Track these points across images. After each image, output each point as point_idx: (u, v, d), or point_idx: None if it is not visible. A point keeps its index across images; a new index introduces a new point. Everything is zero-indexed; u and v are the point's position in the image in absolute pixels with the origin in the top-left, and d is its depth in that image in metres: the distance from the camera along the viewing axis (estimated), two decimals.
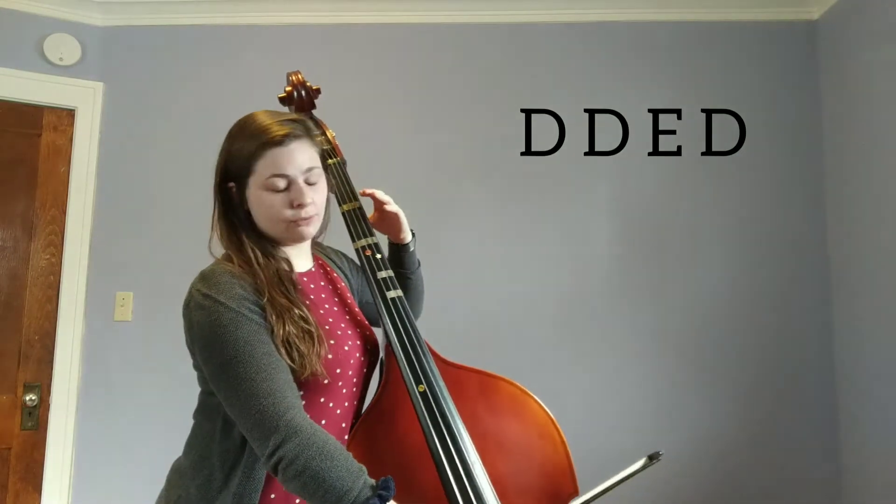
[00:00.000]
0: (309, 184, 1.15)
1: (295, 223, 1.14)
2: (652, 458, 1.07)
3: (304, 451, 0.96)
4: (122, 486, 2.56)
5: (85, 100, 2.72)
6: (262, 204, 1.14)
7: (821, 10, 2.69)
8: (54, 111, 2.69)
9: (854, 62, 2.50)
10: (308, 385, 1.09)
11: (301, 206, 1.13)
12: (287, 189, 1.13)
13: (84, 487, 2.57)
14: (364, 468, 0.99)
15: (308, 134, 1.16)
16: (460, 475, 1.04)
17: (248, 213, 1.17)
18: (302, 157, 1.13)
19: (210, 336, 1.05)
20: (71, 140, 2.70)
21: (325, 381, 1.10)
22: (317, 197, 1.16)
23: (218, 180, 1.17)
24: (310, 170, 1.15)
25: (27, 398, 2.54)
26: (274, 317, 1.07)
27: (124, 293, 2.67)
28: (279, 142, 1.11)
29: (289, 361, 1.06)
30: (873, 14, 2.39)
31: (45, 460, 2.53)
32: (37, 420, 2.55)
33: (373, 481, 0.97)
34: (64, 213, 2.66)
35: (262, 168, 1.12)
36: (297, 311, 1.09)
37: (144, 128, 2.76)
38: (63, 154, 2.69)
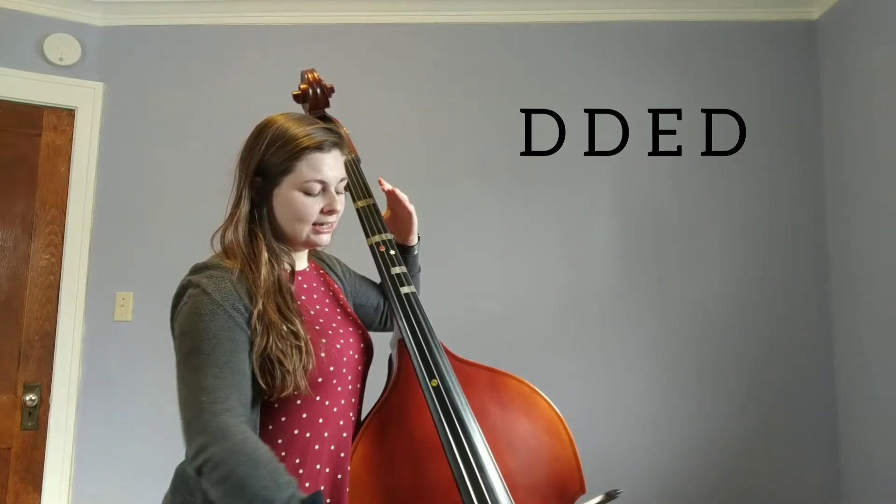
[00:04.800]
0: (338, 193, 1.19)
1: (318, 228, 1.17)
2: (611, 495, 1.10)
3: (231, 456, 0.93)
4: (122, 486, 2.56)
5: (85, 100, 2.72)
6: (292, 203, 1.15)
7: (821, 10, 2.69)
8: (54, 111, 2.69)
9: (854, 62, 2.50)
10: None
11: (332, 212, 1.17)
12: (320, 194, 1.16)
13: (84, 487, 2.57)
14: (294, 481, 0.96)
15: (342, 145, 1.20)
16: (473, 469, 1.04)
17: (270, 211, 1.17)
18: (338, 166, 1.17)
19: (186, 322, 1.05)
20: (71, 140, 2.70)
21: (319, 380, 1.10)
22: (342, 206, 1.20)
23: (249, 174, 1.16)
24: (342, 180, 1.19)
25: (27, 398, 2.54)
26: (259, 328, 1.06)
27: (124, 293, 2.67)
28: (320, 147, 1.14)
29: (260, 380, 1.05)
30: (873, 14, 2.39)
31: (45, 460, 2.53)
32: (37, 420, 2.55)
33: (302, 495, 0.94)
34: (64, 213, 2.66)
35: (303, 169, 1.14)
36: (285, 326, 1.08)
37: (144, 128, 2.76)
38: (63, 154, 2.69)
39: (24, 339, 2.57)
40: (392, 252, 1.27)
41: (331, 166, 1.16)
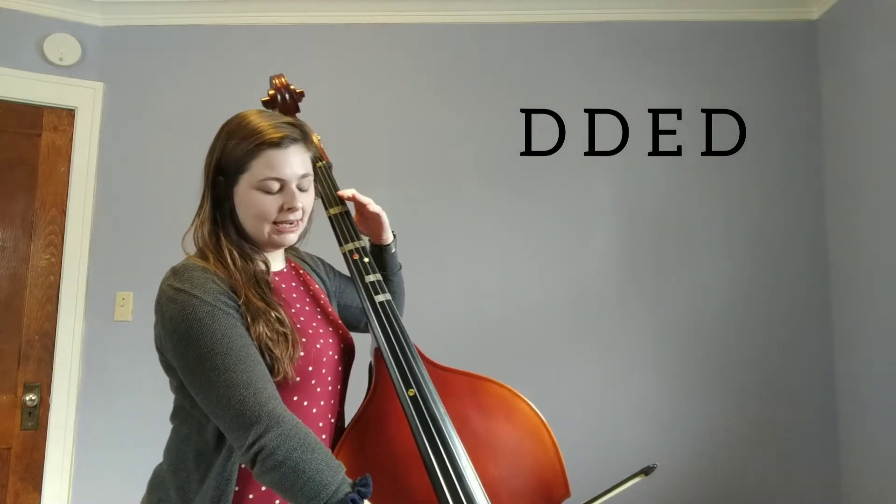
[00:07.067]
0: (301, 189, 1.15)
1: (280, 227, 1.14)
2: (647, 472, 1.07)
3: (285, 441, 0.95)
4: (122, 486, 2.56)
5: (85, 100, 2.72)
6: (250, 203, 1.13)
7: (821, 10, 2.69)
8: (54, 111, 2.69)
9: (854, 62, 2.50)
10: (280, 384, 1.07)
11: (291, 209, 1.13)
12: (279, 192, 1.13)
13: (84, 487, 2.57)
14: (343, 465, 0.98)
15: (305, 139, 1.16)
16: (451, 479, 1.03)
17: (232, 211, 1.16)
18: (297, 162, 1.13)
19: (185, 329, 1.03)
20: (71, 140, 2.70)
21: (297, 379, 1.10)
22: (305, 203, 1.16)
23: (209, 175, 1.16)
24: (303, 176, 1.15)
25: (27, 398, 2.54)
26: (249, 318, 1.06)
27: (124, 293, 2.67)
28: (277, 143, 1.11)
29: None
30: (873, 14, 2.39)
31: (45, 460, 2.54)
32: (37, 420, 2.55)
33: (351, 479, 0.96)
34: (64, 213, 2.66)
35: (258, 168, 1.11)
36: (273, 313, 1.08)
37: (144, 128, 2.76)
38: (63, 154, 2.69)
39: (24, 339, 2.58)
40: (366, 260, 1.24)
41: (289, 163, 1.12)
